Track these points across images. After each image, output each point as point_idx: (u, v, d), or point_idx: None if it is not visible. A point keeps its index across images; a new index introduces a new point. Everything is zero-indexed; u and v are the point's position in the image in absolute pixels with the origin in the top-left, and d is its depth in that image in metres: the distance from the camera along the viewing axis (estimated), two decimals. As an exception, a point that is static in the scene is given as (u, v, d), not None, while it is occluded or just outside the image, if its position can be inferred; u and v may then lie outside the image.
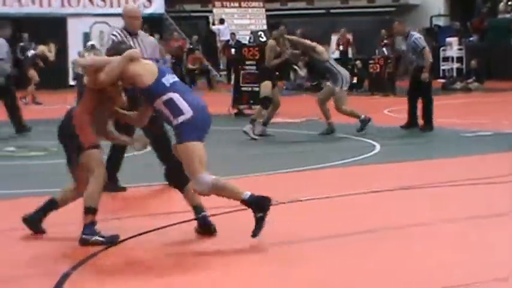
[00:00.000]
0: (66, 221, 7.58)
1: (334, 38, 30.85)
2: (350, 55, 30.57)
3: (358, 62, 28.97)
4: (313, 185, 10.17)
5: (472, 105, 22.33)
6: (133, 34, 9.68)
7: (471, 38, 29.78)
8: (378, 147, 13.48)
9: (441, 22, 33.95)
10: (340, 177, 10.97)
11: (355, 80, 28.86)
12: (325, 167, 11.49)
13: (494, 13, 30.63)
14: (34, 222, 7.32)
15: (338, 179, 10.88)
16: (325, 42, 30.90)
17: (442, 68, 29.19)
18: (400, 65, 26.86)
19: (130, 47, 7.69)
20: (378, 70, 27.26)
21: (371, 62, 27.93)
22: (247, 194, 7.13)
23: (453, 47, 29.09)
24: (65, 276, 6.11)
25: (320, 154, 13.06)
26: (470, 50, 29.10)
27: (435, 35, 32.20)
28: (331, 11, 34.64)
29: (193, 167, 6.97)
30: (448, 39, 29.60)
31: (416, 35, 15.59)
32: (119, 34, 9.64)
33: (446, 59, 29.27)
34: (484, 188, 9.79)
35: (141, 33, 9.89)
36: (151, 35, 17.55)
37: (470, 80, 27.52)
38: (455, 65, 28.95)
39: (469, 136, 14.61)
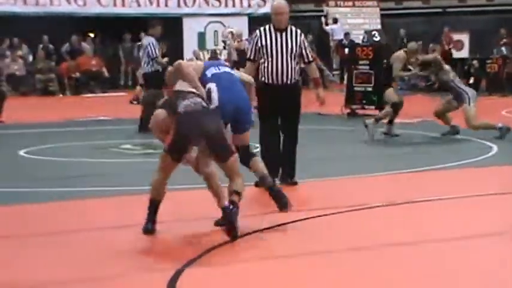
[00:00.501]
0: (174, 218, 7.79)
1: (454, 37, 30.33)
2: (466, 55, 29.95)
3: (475, 62, 28.51)
4: (427, 186, 10.08)
5: None
6: (280, 30, 9.77)
7: None
8: (495, 148, 13.27)
9: None
10: (455, 179, 10.78)
11: (471, 81, 28.57)
12: (440, 168, 11.37)
13: None
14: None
15: (453, 180, 10.70)
16: (439, 42, 30.77)
17: None
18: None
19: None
20: (496, 70, 26.83)
21: (488, 61, 27.50)
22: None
23: None
24: (178, 273, 6.18)
25: (436, 155, 12.99)
26: None
27: None
28: (448, 9, 34.05)
29: None
30: None
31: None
32: (264, 31, 9.80)
33: None
34: None
35: (289, 29, 9.85)
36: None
37: None
38: None
39: None
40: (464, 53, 29.99)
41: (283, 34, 9.74)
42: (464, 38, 30.14)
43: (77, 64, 28.58)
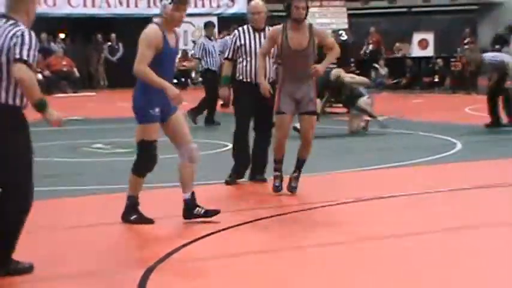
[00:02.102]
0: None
1: (416, 37, 30.53)
2: (431, 54, 30.17)
3: (439, 60, 28.85)
4: (389, 183, 10.15)
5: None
6: (258, 30, 9.78)
7: None
8: (458, 145, 13.36)
9: None
10: (417, 175, 10.88)
11: (436, 79, 28.88)
12: (405, 165, 11.44)
13: None
14: None
15: (415, 176, 10.80)
16: (406, 41, 30.98)
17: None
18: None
19: None
20: (460, 68, 27.09)
21: (453, 60, 27.77)
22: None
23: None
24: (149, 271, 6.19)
25: (401, 152, 13.02)
26: None
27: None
28: (413, 9, 34.31)
29: None
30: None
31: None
32: (242, 30, 9.87)
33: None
34: None
35: (267, 29, 9.83)
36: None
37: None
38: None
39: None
40: (429, 52, 30.14)
41: (262, 34, 9.78)
42: (429, 37, 30.29)
43: (47, 64, 28.46)
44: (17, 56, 5.82)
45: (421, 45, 30.35)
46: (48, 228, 7.50)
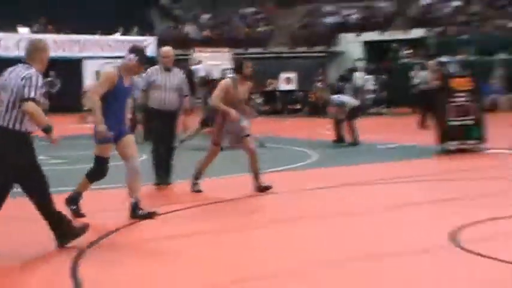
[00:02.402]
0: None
1: (282, 75, 31.03)
2: (294, 88, 30.76)
3: (300, 93, 29.66)
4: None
5: (383, 125, 22.52)
6: (166, 70, 9.80)
7: (382, 76, 30.16)
8: (315, 155, 13.55)
9: (361, 64, 34.28)
10: (282, 178, 10.79)
11: (298, 106, 29.63)
12: (274, 171, 11.36)
13: (399, 58, 31.16)
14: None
15: (281, 179, 10.67)
16: (276, 78, 31.46)
17: (361, 97, 29.39)
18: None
19: None
20: (314, 99, 27.93)
21: (310, 92, 28.78)
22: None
23: (370, 82, 29.38)
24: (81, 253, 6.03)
25: (272, 160, 12.75)
26: (382, 84, 29.54)
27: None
28: (281, 55, 35.00)
29: None
30: (366, 77, 29.91)
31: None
32: (155, 70, 9.84)
33: (365, 91, 29.51)
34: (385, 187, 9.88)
35: (174, 69, 9.94)
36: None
37: (382, 106, 28.03)
38: (371, 95, 29.21)
39: (382, 148, 14.70)
40: (293, 87, 30.77)
41: (170, 72, 9.80)
42: (293, 75, 30.94)
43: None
44: (26, 96, 5.93)
45: (287, 81, 30.90)
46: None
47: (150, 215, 7.59)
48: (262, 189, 9.24)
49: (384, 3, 35.86)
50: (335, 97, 16.94)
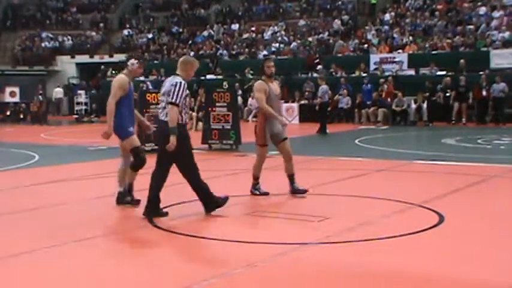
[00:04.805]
0: None
1: (8, 89, 29.01)
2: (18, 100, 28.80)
3: (23, 104, 28.06)
4: None
5: (94, 131, 21.88)
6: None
7: (92, 91, 29.72)
8: (37, 156, 12.77)
9: (75, 81, 33.67)
10: None
11: (21, 116, 27.96)
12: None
13: (105, 76, 30.80)
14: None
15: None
16: (1, 91, 29.19)
17: (76, 108, 28.79)
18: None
19: None
20: (36, 109, 26.77)
21: (31, 103, 27.34)
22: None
23: (82, 96, 28.80)
24: None
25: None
26: (92, 98, 29.03)
27: (71, 89, 31.94)
28: (6, 72, 32.78)
29: None
30: (79, 91, 29.28)
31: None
32: None
33: (78, 103, 28.78)
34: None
35: None
36: None
37: (92, 116, 27.50)
38: (84, 107, 28.61)
39: (92, 149, 14.32)
40: (17, 99, 29.03)
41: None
42: (17, 89, 29.19)
43: None
44: (169, 100, 6.28)
45: (12, 94, 29.15)
46: None
47: (134, 202, 7.06)
48: (301, 191, 7.63)
49: (92, 32, 35.54)
50: None
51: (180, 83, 6.32)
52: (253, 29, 31.28)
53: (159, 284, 4.31)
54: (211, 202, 6.58)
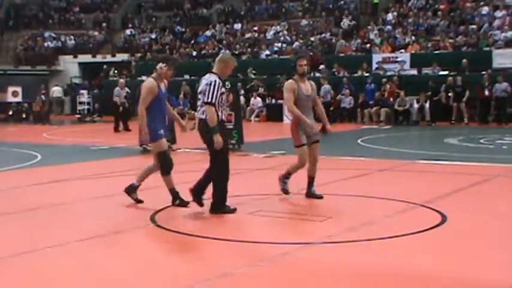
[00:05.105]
0: None
1: (10, 89, 29.05)
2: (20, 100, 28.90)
3: (25, 104, 28.05)
4: None
5: (96, 131, 21.94)
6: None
7: (95, 91, 29.71)
8: (39, 156, 12.76)
9: (77, 80, 33.71)
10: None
11: (24, 115, 28.00)
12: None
13: (108, 76, 30.75)
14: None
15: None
16: (4, 91, 29.19)
17: (78, 108, 28.78)
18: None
19: None
20: (39, 109, 26.78)
21: (34, 103, 27.32)
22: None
23: (85, 96, 28.80)
24: None
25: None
26: (94, 97, 28.96)
27: (74, 89, 31.87)
28: (8, 72, 32.79)
29: None
30: (81, 91, 29.30)
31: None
32: None
33: (81, 103, 28.76)
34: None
35: None
36: None
37: (95, 115, 27.42)
38: (86, 106, 28.62)
39: (94, 149, 14.32)
40: (19, 99, 29.01)
41: None
42: (19, 89, 29.20)
43: None
44: (205, 100, 6.39)
45: (14, 94, 29.11)
46: None
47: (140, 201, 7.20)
48: (317, 196, 7.39)
49: (95, 32, 35.54)
50: None
51: (215, 81, 6.39)
52: (255, 28, 31.27)
53: (161, 284, 4.30)
54: (197, 195, 6.71)
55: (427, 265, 4.62)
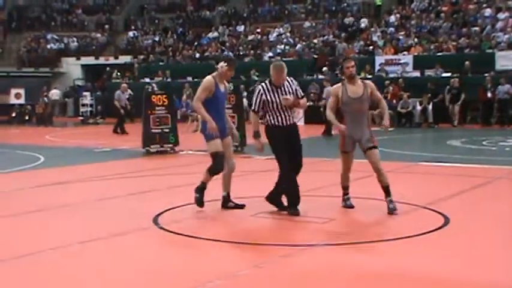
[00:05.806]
0: None
1: (13, 91, 28.97)
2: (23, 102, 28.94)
3: (28, 106, 28.10)
4: None
5: (99, 133, 21.95)
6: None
7: (98, 93, 29.67)
8: (42, 158, 12.77)
9: (80, 82, 33.74)
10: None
11: (27, 117, 27.97)
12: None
13: (111, 78, 30.72)
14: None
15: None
16: (7, 93, 29.24)
17: (81, 110, 28.74)
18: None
19: None
20: (42, 111, 26.88)
21: (36, 105, 27.37)
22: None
23: (87, 98, 28.78)
24: None
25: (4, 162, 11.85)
26: (97, 99, 28.87)
27: (76, 91, 31.89)
28: (11, 73, 32.78)
29: None
30: (84, 93, 29.27)
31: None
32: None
33: (84, 105, 28.75)
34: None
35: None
36: None
37: (98, 118, 27.45)
38: (89, 109, 28.62)
39: (97, 151, 14.31)
40: (22, 101, 28.98)
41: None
42: (22, 91, 29.22)
43: None
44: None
45: (17, 96, 29.16)
46: None
47: (238, 206, 7.00)
48: (349, 206, 7.09)
49: (98, 34, 35.59)
50: None
51: (259, 89, 6.69)
52: (258, 30, 31.28)
53: (163, 286, 4.31)
54: (274, 198, 6.87)
55: (430, 267, 4.62)
